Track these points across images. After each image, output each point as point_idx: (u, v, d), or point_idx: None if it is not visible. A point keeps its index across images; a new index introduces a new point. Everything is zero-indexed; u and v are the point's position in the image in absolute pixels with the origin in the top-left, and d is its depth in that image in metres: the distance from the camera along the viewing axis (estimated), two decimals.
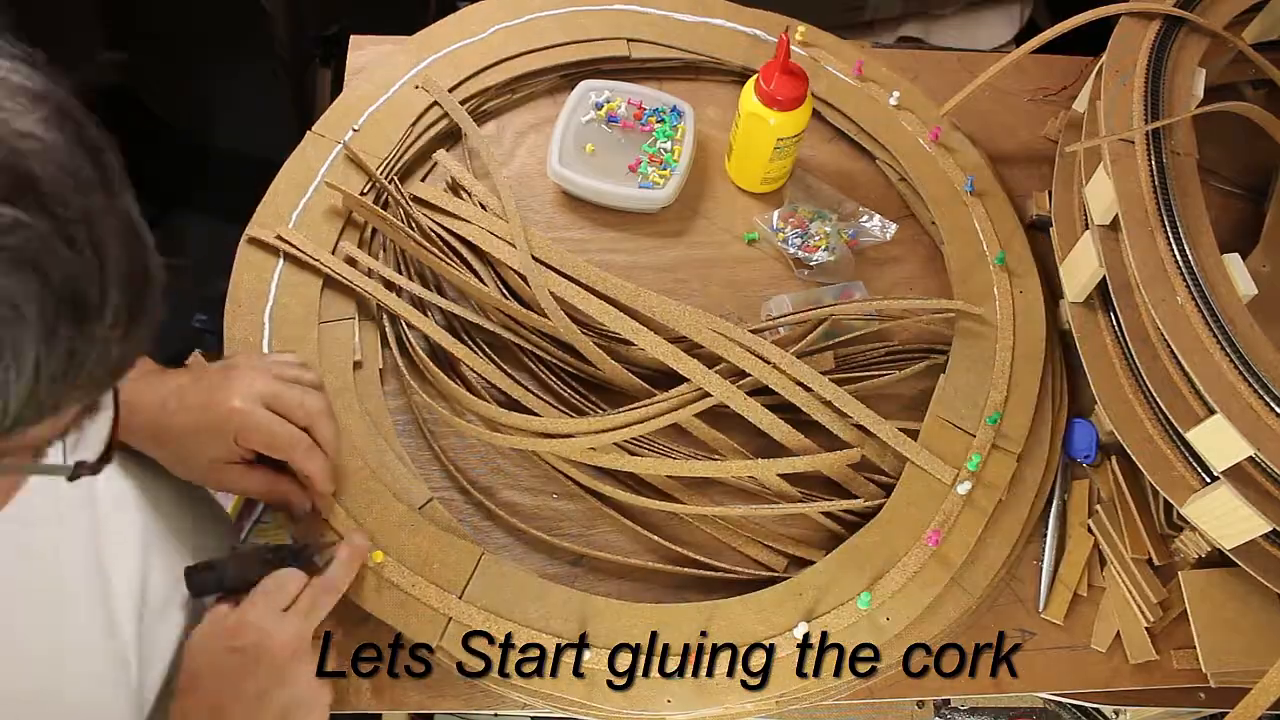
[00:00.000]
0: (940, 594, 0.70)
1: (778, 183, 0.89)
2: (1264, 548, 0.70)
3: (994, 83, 0.90)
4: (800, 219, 0.86)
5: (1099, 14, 0.84)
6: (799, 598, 0.69)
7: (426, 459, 0.75)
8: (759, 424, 0.74)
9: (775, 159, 0.85)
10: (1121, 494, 0.77)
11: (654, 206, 0.86)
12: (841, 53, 0.94)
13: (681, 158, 0.86)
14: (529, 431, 0.73)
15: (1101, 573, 0.75)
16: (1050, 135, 0.95)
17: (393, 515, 0.69)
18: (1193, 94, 0.79)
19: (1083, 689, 0.73)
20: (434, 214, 0.82)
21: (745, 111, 0.83)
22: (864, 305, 0.81)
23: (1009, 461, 0.75)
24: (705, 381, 0.74)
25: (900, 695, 0.71)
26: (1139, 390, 0.75)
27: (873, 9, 1.24)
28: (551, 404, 0.75)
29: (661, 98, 0.89)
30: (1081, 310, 0.80)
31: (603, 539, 0.73)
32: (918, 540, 0.71)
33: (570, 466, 0.74)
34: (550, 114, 0.91)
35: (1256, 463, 0.67)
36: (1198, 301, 0.68)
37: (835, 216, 0.87)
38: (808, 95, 0.82)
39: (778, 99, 0.80)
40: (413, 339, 0.77)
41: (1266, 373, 0.65)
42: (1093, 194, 0.78)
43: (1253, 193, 0.93)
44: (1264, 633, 0.72)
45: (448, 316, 0.78)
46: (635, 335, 0.75)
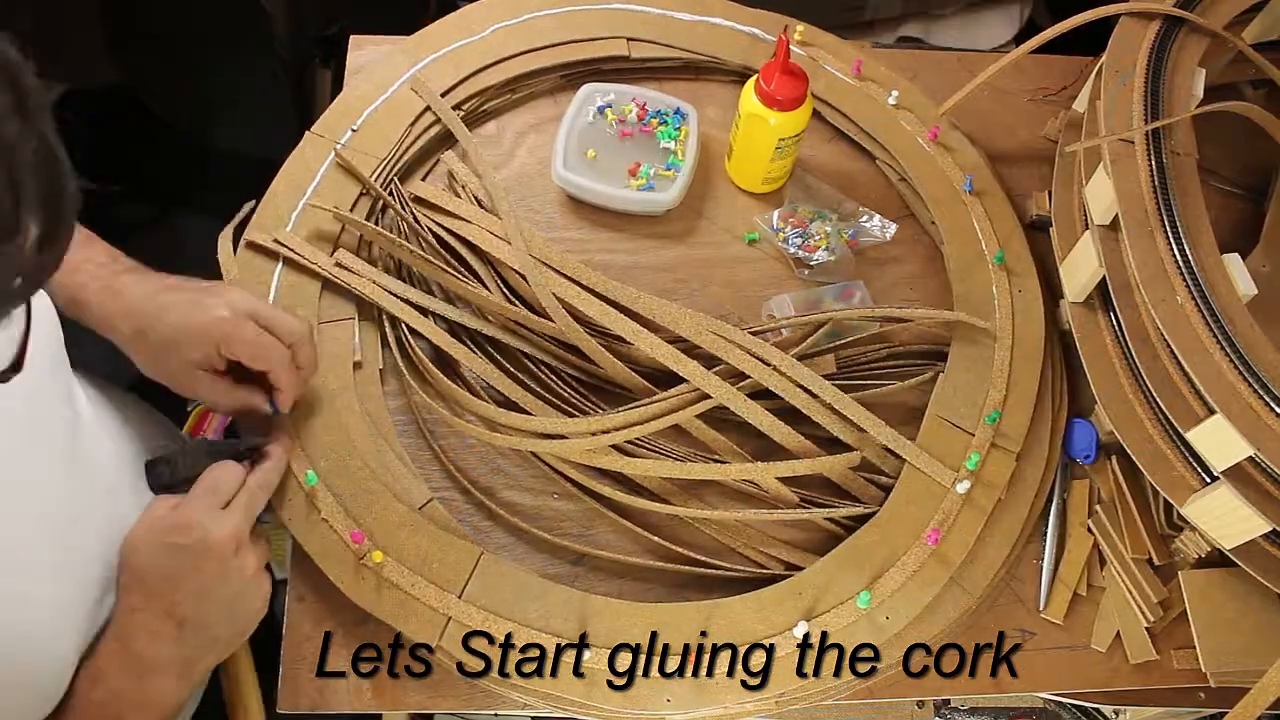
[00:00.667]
0: (940, 594, 0.70)
1: (778, 183, 0.89)
2: (1264, 548, 0.70)
3: (994, 83, 0.90)
4: (800, 219, 0.86)
5: (1099, 14, 0.84)
6: (798, 596, 0.69)
7: (426, 459, 0.75)
8: (759, 425, 0.74)
9: (776, 159, 0.85)
10: (1121, 494, 0.77)
11: (659, 209, 0.86)
12: (841, 53, 0.94)
13: (685, 160, 0.86)
14: (528, 432, 0.73)
15: (1101, 572, 0.75)
16: (1050, 135, 0.95)
17: (393, 515, 0.69)
18: (1193, 94, 0.79)
19: (1083, 689, 0.73)
20: (434, 214, 0.82)
21: (745, 112, 0.83)
22: (866, 313, 0.81)
23: (1008, 461, 0.75)
24: (704, 383, 0.74)
25: (900, 695, 0.71)
26: (1139, 390, 0.75)
27: (873, 9, 1.24)
28: (552, 402, 0.75)
29: (664, 99, 0.89)
30: (1081, 310, 0.80)
31: (603, 539, 0.73)
32: (917, 539, 0.71)
33: (569, 467, 0.74)
34: (550, 114, 0.91)
35: (1256, 463, 0.67)
36: (1198, 301, 0.68)
37: (835, 216, 0.87)
38: (808, 95, 0.82)
39: (778, 99, 0.80)
40: (412, 340, 0.77)
41: (1266, 373, 0.65)
42: (1093, 194, 0.78)
43: (1253, 193, 0.93)
44: (1264, 633, 0.72)
45: (447, 318, 0.78)
46: (635, 337, 0.75)
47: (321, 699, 0.66)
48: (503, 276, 0.80)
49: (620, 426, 0.72)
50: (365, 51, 0.92)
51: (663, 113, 0.88)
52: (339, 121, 0.84)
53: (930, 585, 0.70)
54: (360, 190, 0.81)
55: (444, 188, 0.84)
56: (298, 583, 0.69)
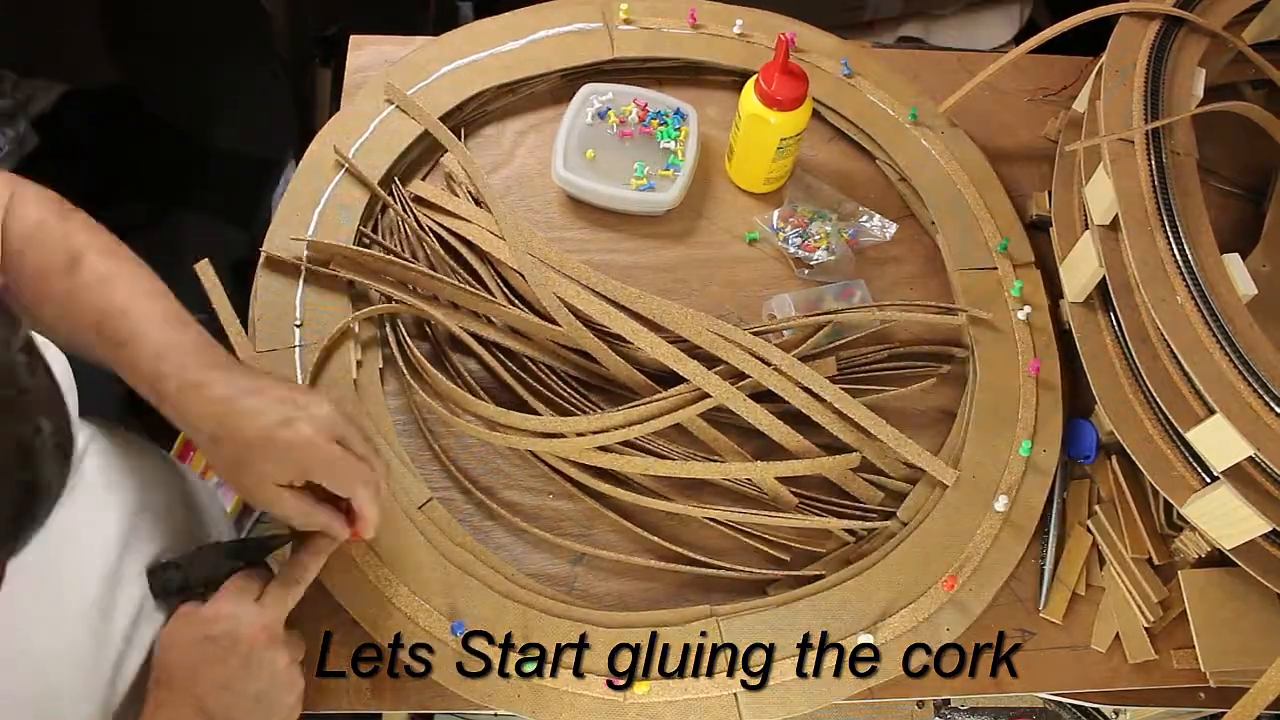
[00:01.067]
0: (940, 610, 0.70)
1: (778, 183, 0.89)
2: (1264, 548, 0.70)
3: (994, 82, 0.90)
4: (800, 218, 0.86)
5: (1099, 14, 0.84)
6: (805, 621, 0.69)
7: (426, 459, 0.75)
8: (758, 425, 0.74)
9: (777, 159, 0.85)
10: (1122, 494, 0.77)
11: (659, 209, 0.86)
12: (840, 53, 0.94)
13: (686, 160, 0.86)
14: (528, 431, 0.73)
15: (1101, 572, 0.75)
16: (1050, 135, 0.95)
17: (392, 515, 0.69)
18: (1193, 94, 0.79)
19: (1083, 689, 0.73)
20: (434, 213, 0.81)
21: (746, 113, 0.83)
22: (868, 313, 0.81)
23: (1043, 485, 0.76)
24: (704, 382, 0.74)
25: (900, 695, 0.71)
26: (1139, 390, 0.75)
27: (873, 9, 1.24)
28: (553, 402, 0.75)
29: (664, 100, 0.89)
30: (1081, 310, 0.80)
31: (602, 539, 0.73)
32: (935, 582, 0.71)
33: (569, 466, 0.74)
34: (550, 114, 0.91)
35: (1256, 463, 0.67)
36: (1197, 301, 0.68)
37: (835, 216, 0.87)
38: (808, 95, 0.82)
39: (778, 99, 0.80)
40: (411, 342, 0.77)
41: (1266, 373, 0.65)
42: (1093, 194, 0.78)
43: (1253, 193, 0.93)
44: (1263, 632, 0.72)
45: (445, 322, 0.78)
46: (635, 336, 0.75)
47: (321, 699, 0.66)
48: (503, 277, 0.80)
49: (619, 425, 0.72)
50: (365, 52, 0.92)
51: (663, 113, 0.88)
52: (343, 137, 0.84)
53: (938, 623, 0.70)
54: (367, 199, 0.81)
55: (443, 188, 0.84)
56: None
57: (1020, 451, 0.76)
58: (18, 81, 1.35)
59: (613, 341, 0.77)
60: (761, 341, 0.76)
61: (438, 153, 0.87)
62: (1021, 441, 0.76)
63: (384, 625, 0.66)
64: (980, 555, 0.72)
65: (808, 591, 0.70)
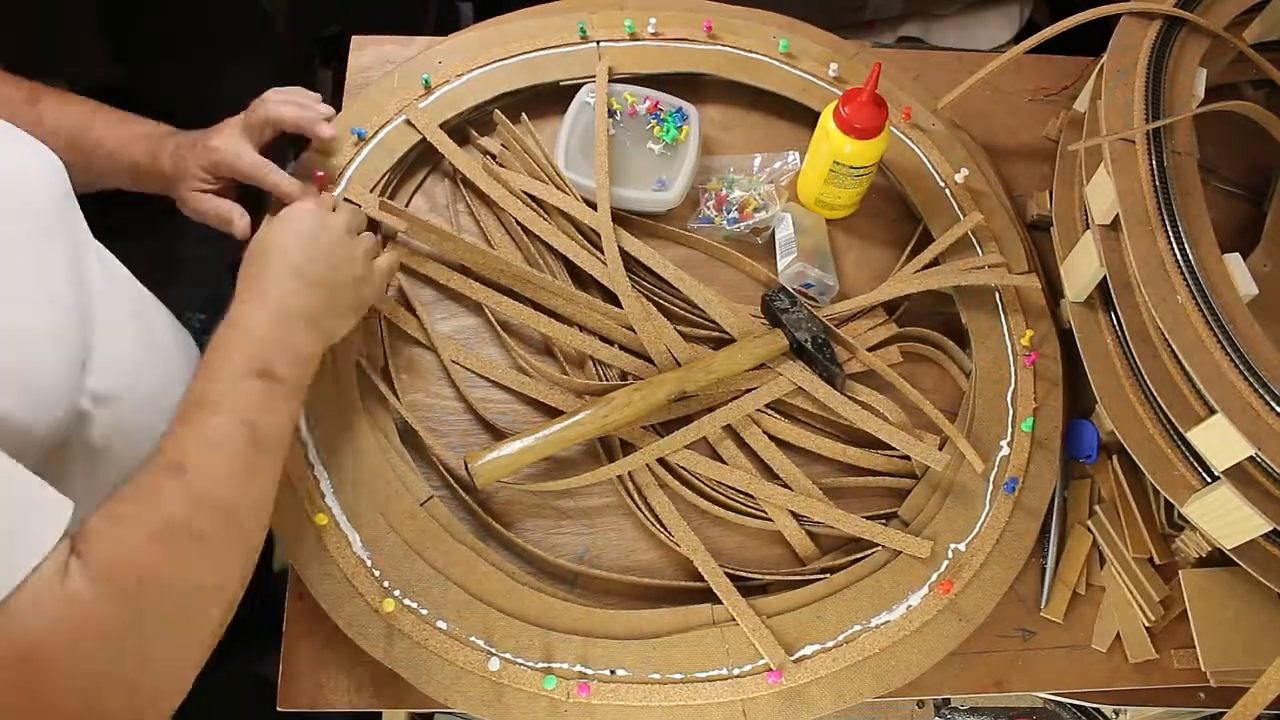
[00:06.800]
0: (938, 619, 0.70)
1: (841, 211, 0.89)
2: (1264, 547, 0.70)
3: (994, 82, 0.90)
4: (719, 196, 0.87)
5: (1099, 14, 0.84)
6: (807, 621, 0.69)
7: (426, 459, 0.75)
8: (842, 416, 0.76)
9: (831, 182, 0.84)
10: (1122, 493, 0.77)
11: (660, 208, 0.86)
12: (841, 53, 0.94)
13: (686, 159, 0.86)
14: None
15: (1101, 572, 0.75)
16: (1051, 135, 0.95)
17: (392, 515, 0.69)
18: (1193, 94, 0.79)
19: (1083, 689, 0.73)
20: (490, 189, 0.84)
21: (821, 126, 0.83)
22: (930, 278, 0.82)
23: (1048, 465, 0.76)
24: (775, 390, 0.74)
25: (900, 695, 0.71)
26: (1139, 390, 0.75)
27: (873, 9, 1.24)
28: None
29: (666, 99, 0.89)
30: (1082, 310, 0.80)
31: (603, 538, 0.73)
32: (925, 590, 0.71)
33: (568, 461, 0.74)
34: (550, 114, 0.91)
35: (1257, 462, 0.67)
36: (1198, 301, 0.68)
37: (733, 170, 0.88)
38: (885, 129, 0.81)
39: (855, 126, 0.80)
40: (410, 340, 0.77)
41: (1267, 372, 0.65)
42: (1093, 193, 0.78)
43: (1253, 193, 0.93)
44: (1264, 632, 0.72)
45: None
46: (707, 306, 0.80)
47: (321, 698, 0.66)
48: (561, 257, 0.82)
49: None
50: (366, 52, 0.92)
51: (663, 114, 0.88)
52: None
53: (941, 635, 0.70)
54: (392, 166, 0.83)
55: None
56: (297, 581, 0.69)
57: (1023, 427, 0.77)
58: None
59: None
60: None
61: (432, 160, 0.87)
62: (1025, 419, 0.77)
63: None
64: (982, 558, 0.72)
65: (812, 594, 0.70)
